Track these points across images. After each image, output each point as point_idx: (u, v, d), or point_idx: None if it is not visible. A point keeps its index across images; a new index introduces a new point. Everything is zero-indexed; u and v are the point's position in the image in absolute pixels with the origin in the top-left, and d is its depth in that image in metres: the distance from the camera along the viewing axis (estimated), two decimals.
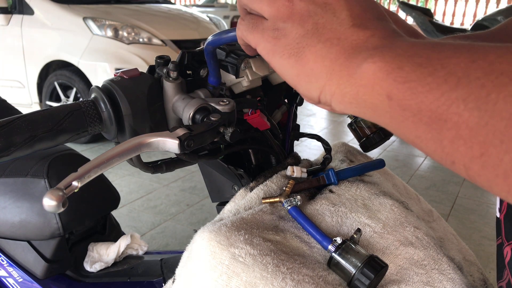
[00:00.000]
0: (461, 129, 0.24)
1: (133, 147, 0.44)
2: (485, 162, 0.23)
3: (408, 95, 0.26)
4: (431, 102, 0.25)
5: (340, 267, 0.49)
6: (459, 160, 0.25)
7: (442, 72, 0.25)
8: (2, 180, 1.01)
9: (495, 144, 0.22)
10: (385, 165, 0.69)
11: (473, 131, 0.23)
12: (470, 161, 0.24)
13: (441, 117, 0.24)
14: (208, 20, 4.55)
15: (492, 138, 0.22)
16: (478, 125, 0.23)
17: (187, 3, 10.89)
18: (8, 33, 3.84)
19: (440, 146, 0.25)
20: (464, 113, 0.23)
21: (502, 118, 0.22)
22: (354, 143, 0.78)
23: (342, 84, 0.30)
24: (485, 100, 0.22)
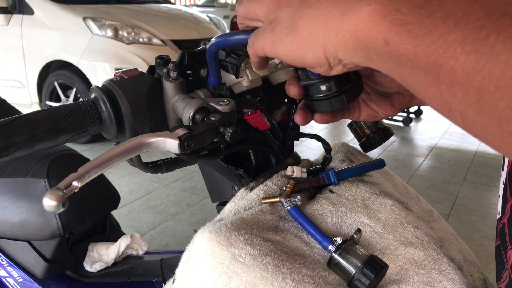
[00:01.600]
0: (457, 73, 0.23)
1: (133, 147, 0.44)
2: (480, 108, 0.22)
3: (405, 38, 0.25)
4: (428, 46, 0.24)
5: (340, 267, 0.49)
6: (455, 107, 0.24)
7: (440, 13, 0.24)
8: (2, 180, 1.01)
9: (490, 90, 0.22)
10: (385, 165, 0.69)
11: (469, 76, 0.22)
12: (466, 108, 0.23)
13: (438, 62, 0.24)
14: (208, 20, 4.55)
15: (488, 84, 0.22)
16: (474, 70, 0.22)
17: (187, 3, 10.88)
18: (8, 33, 3.84)
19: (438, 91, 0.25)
20: (460, 56, 0.23)
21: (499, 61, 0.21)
22: (354, 143, 0.78)
23: (340, 33, 0.29)
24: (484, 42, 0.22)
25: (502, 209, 0.52)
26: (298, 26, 0.32)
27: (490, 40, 0.21)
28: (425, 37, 0.24)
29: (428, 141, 4.13)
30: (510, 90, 0.21)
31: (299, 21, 0.32)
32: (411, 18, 0.25)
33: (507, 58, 0.21)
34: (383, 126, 0.70)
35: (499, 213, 0.53)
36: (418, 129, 4.56)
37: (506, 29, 0.21)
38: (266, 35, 0.35)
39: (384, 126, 0.70)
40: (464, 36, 0.22)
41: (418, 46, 0.24)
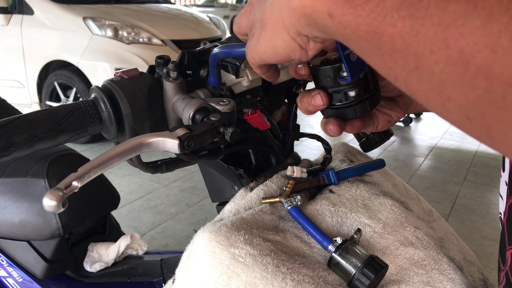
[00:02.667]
0: (395, 41, 0.23)
1: (133, 147, 0.44)
2: (419, 75, 0.22)
3: (346, 9, 0.25)
4: (367, 15, 0.24)
5: (340, 267, 0.49)
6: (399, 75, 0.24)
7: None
8: (2, 180, 1.01)
9: (426, 55, 0.21)
10: (385, 165, 0.69)
11: (406, 42, 0.22)
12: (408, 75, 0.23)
13: (377, 30, 0.24)
14: (208, 20, 4.55)
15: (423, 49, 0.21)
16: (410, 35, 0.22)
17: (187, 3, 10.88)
18: (8, 33, 3.84)
19: (382, 61, 0.25)
20: (397, 22, 0.22)
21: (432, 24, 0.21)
22: (354, 143, 0.78)
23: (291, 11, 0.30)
24: (418, 5, 0.21)
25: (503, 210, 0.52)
26: (264, 20, 0.34)
27: (424, 3, 0.21)
28: (364, 6, 0.24)
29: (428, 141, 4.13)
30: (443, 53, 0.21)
31: (264, 16, 0.34)
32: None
33: (439, 20, 0.21)
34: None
35: (501, 214, 0.53)
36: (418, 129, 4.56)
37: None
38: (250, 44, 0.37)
39: None
40: (400, 1, 0.22)
41: (359, 16, 0.24)
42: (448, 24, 0.20)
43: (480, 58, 0.19)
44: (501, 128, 0.20)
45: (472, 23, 0.19)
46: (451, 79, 0.21)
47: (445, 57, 0.21)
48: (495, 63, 0.19)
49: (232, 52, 0.48)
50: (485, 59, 0.19)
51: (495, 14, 0.19)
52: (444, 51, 0.21)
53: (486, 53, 0.19)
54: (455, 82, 0.21)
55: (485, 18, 0.19)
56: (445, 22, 0.20)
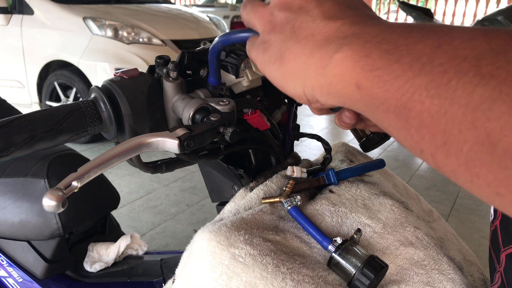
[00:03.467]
0: (423, 117, 0.24)
1: (133, 147, 0.44)
2: (447, 151, 0.23)
3: (375, 83, 0.26)
4: (396, 90, 0.25)
5: (340, 267, 0.49)
6: (426, 149, 0.25)
7: (407, 58, 0.25)
8: (2, 180, 1.01)
9: (454, 134, 0.22)
10: (385, 165, 0.69)
11: (435, 119, 0.23)
12: (435, 150, 0.24)
13: (406, 106, 0.24)
14: (208, 20, 4.55)
15: (451, 127, 0.22)
16: (439, 113, 0.23)
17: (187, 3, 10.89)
18: (8, 33, 3.84)
19: (409, 134, 0.25)
20: (426, 100, 0.23)
21: (460, 105, 0.22)
22: (354, 143, 0.78)
23: (318, 76, 0.31)
24: (446, 87, 0.22)
25: (494, 212, 0.52)
26: (285, 57, 0.34)
27: (452, 84, 0.22)
28: (393, 82, 0.25)
29: None
30: (471, 133, 0.21)
31: (286, 53, 0.34)
32: (380, 63, 0.26)
33: (467, 102, 0.21)
34: None
35: (492, 216, 0.53)
36: None
37: (466, 73, 0.22)
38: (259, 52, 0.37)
39: None
40: (429, 81, 0.23)
41: (388, 91, 0.25)
42: (475, 107, 0.21)
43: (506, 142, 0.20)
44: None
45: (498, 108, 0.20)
46: (480, 158, 0.21)
47: (473, 137, 0.21)
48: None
49: (230, 39, 0.47)
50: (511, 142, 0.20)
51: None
52: (472, 132, 0.21)
53: None
54: (483, 161, 0.21)
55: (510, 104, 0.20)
56: (472, 105, 0.21)
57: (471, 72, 0.22)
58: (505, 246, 0.48)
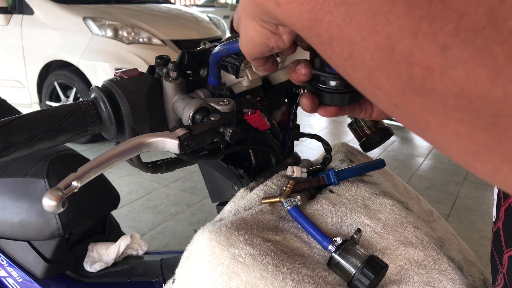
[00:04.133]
0: (332, 28, 0.23)
1: (133, 147, 0.44)
2: (353, 63, 0.23)
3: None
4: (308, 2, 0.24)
5: (340, 267, 0.49)
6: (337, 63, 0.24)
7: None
8: (2, 180, 1.01)
9: (358, 42, 0.22)
10: (385, 165, 0.69)
11: (341, 29, 0.23)
12: (344, 63, 0.24)
13: (317, 18, 0.24)
14: (208, 20, 4.55)
15: (356, 35, 0.22)
16: (345, 22, 0.22)
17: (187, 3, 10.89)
18: (8, 33, 3.84)
19: (323, 49, 0.25)
20: (333, 10, 0.23)
21: (363, 11, 0.21)
22: (354, 143, 0.78)
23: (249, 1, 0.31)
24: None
25: (496, 213, 0.52)
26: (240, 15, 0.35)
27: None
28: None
29: None
30: (372, 39, 0.21)
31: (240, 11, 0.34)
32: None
33: (370, 6, 0.21)
34: (383, 126, 0.70)
35: (494, 217, 0.53)
36: None
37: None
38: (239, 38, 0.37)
39: (384, 126, 0.70)
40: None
41: (301, 4, 0.25)
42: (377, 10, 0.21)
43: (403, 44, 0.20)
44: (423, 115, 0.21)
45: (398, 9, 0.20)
46: (379, 66, 0.21)
47: (373, 43, 0.21)
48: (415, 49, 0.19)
49: (233, 48, 0.48)
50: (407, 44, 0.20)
51: None
52: (373, 37, 0.21)
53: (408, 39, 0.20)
54: (382, 69, 0.21)
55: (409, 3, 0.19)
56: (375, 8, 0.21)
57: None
58: (508, 248, 0.48)
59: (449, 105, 0.19)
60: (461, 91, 0.18)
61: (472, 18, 0.18)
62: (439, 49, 0.19)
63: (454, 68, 0.18)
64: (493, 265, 0.52)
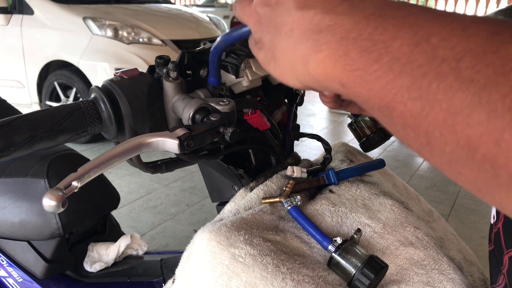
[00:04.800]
0: (406, 118, 0.24)
1: (133, 147, 0.44)
2: (431, 150, 0.23)
3: (358, 83, 0.26)
4: (379, 91, 0.25)
5: (340, 267, 0.49)
6: (412, 145, 0.25)
7: (386, 57, 0.24)
8: (2, 180, 1.01)
9: (436, 135, 0.22)
10: (385, 165, 0.69)
11: (417, 120, 0.23)
12: (420, 147, 0.24)
13: (389, 106, 0.25)
14: (208, 20, 4.55)
15: (433, 129, 0.22)
16: (421, 115, 0.23)
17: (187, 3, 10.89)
18: (8, 33, 3.84)
19: (395, 130, 0.26)
20: (408, 102, 0.23)
21: (441, 109, 0.22)
22: (354, 143, 0.78)
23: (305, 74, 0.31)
24: (427, 90, 0.22)
25: (496, 214, 0.52)
26: (276, 57, 0.34)
27: (433, 88, 0.22)
28: (376, 82, 0.25)
29: None
30: (452, 137, 0.22)
31: (276, 52, 0.34)
32: (360, 63, 0.26)
33: (448, 107, 0.21)
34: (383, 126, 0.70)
35: (494, 218, 0.53)
36: None
37: (446, 77, 0.22)
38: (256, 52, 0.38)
39: None
40: (410, 83, 0.23)
41: (371, 90, 0.25)
42: (456, 112, 0.21)
43: (485, 148, 0.20)
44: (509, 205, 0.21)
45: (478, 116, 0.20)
46: (461, 160, 0.22)
47: (454, 141, 0.22)
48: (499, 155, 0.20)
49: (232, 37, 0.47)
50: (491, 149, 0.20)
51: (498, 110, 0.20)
52: (453, 136, 0.22)
53: (491, 145, 0.20)
54: (464, 163, 0.22)
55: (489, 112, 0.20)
56: (453, 110, 0.21)
57: (451, 76, 0.22)
58: (508, 248, 0.48)
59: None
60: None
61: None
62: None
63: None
64: (494, 265, 0.52)
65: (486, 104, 0.20)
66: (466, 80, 0.21)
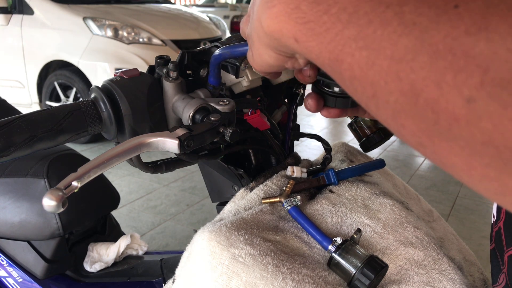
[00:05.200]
0: (354, 69, 0.23)
1: (133, 147, 0.44)
2: (376, 103, 0.23)
3: (310, 36, 0.26)
4: (328, 43, 0.25)
5: (340, 267, 0.49)
6: (359, 100, 0.25)
7: (335, 8, 0.24)
8: (2, 180, 1.01)
9: (381, 85, 0.22)
10: (385, 165, 0.69)
11: (364, 71, 0.23)
12: (367, 101, 0.24)
13: (338, 58, 0.24)
14: (208, 20, 4.55)
15: (379, 78, 0.22)
16: (367, 65, 0.23)
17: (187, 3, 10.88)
18: (8, 33, 3.84)
19: (344, 85, 0.25)
20: (355, 52, 0.23)
21: (386, 56, 0.21)
22: (354, 143, 0.78)
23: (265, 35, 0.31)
24: (372, 37, 0.22)
25: (497, 213, 0.52)
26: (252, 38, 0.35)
27: (377, 35, 0.22)
28: (325, 34, 0.25)
29: None
30: (396, 84, 0.21)
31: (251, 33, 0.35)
32: (311, 15, 0.25)
33: (392, 53, 0.21)
34: (383, 126, 0.70)
35: (494, 217, 0.53)
36: None
37: (390, 22, 0.21)
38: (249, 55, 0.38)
39: (385, 126, 0.70)
40: (357, 32, 0.23)
41: (321, 43, 0.25)
42: (400, 58, 0.21)
43: (428, 92, 0.20)
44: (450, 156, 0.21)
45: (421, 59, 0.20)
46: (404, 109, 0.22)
47: (397, 88, 0.21)
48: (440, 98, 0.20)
49: (235, 52, 0.49)
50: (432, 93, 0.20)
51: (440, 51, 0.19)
52: (397, 83, 0.21)
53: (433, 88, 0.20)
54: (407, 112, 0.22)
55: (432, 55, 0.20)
56: (397, 56, 0.21)
57: (395, 20, 0.21)
58: (508, 247, 0.48)
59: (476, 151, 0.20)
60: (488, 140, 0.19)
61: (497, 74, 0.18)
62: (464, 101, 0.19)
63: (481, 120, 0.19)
64: (495, 264, 0.52)
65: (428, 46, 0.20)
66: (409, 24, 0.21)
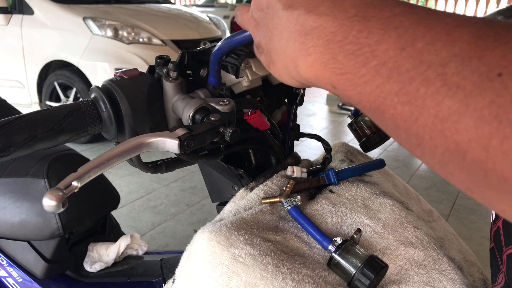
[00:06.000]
0: (397, 120, 0.24)
1: (133, 147, 0.44)
2: (422, 152, 0.24)
3: (348, 86, 0.27)
4: (368, 94, 0.25)
5: (340, 267, 0.49)
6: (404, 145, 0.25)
7: (373, 62, 0.25)
8: (2, 180, 1.01)
9: (426, 139, 0.23)
10: (385, 165, 0.69)
11: (408, 123, 0.23)
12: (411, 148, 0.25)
13: (380, 108, 0.25)
14: (208, 20, 4.55)
15: (423, 133, 0.23)
16: (410, 119, 0.23)
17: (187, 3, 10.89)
18: (8, 33, 3.84)
19: (387, 130, 0.26)
20: (397, 106, 0.24)
21: (430, 115, 0.22)
22: (354, 143, 0.78)
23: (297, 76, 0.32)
24: (415, 95, 0.23)
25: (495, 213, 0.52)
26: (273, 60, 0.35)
27: (420, 93, 0.22)
28: (365, 86, 0.25)
29: None
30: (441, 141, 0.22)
31: (272, 55, 0.35)
32: (348, 67, 0.26)
33: (436, 112, 0.22)
34: None
35: (493, 216, 0.53)
36: None
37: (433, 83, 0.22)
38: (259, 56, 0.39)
39: None
40: (398, 88, 0.24)
41: (361, 94, 0.26)
42: (444, 118, 0.21)
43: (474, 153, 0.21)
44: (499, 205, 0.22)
45: (465, 122, 0.21)
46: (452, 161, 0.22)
47: (443, 144, 0.22)
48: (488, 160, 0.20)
49: (233, 42, 0.48)
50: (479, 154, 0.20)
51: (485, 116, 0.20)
52: (443, 140, 0.22)
53: (479, 150, 0.20)
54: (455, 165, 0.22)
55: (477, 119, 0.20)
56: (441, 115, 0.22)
57: (438, 81, 0.22)
58: (507, 246, 0.48)
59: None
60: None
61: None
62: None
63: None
64: (494, 264, 0.52)
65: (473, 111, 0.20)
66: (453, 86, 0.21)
